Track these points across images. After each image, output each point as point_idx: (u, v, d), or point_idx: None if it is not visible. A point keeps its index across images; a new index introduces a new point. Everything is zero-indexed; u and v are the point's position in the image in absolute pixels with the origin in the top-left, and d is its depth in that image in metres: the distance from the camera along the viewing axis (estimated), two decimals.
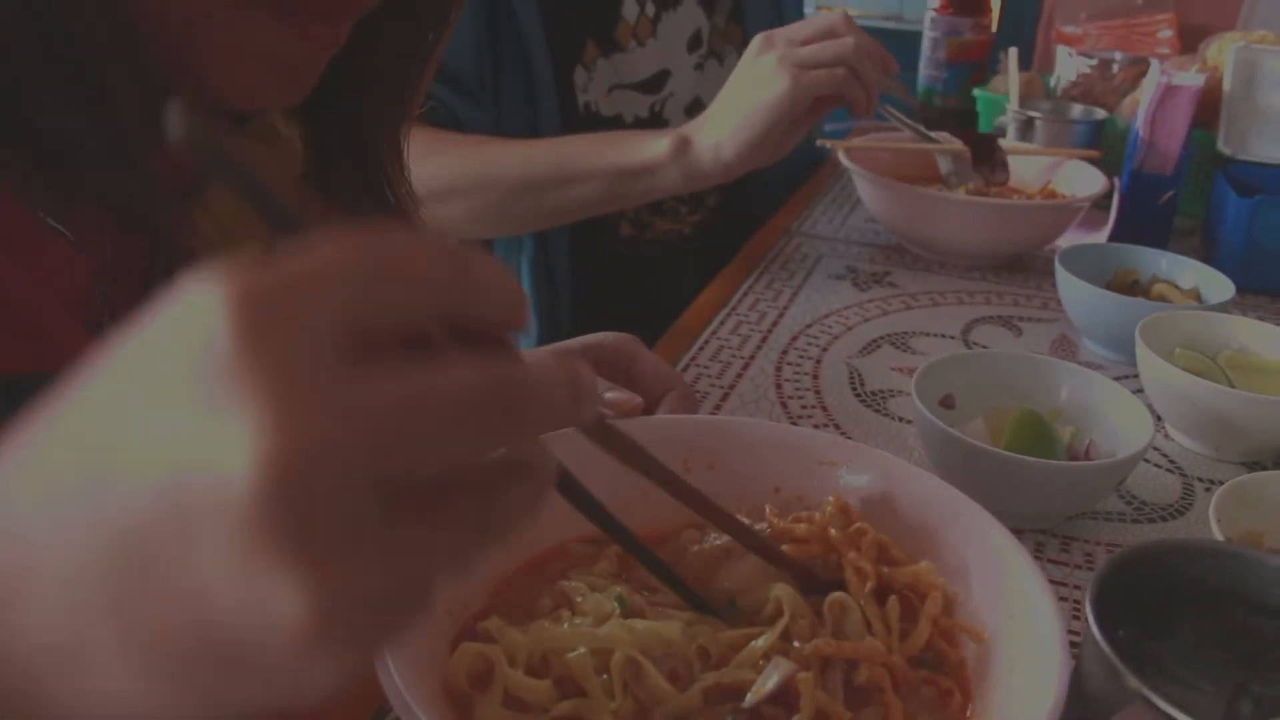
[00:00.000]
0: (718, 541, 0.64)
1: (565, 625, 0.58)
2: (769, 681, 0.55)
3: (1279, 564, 0.55)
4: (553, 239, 1.42)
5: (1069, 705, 0.49)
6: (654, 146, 1.20)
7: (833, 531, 0.63)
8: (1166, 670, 0.51)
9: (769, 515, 0.66)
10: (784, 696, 0.55)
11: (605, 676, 0.55)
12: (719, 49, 1.51)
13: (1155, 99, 1.55)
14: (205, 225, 0.67)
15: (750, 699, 0.54)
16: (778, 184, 1.63)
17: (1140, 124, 1.55)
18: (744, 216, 1.54)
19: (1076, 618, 0.73)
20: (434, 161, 1.25)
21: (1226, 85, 1.54)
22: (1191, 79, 1.54)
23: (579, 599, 0.60)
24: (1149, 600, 0.55)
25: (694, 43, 1.47)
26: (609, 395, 0.73)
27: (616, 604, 0.60)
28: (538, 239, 1.43)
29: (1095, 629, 0.50)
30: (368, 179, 0.78)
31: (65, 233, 0.62)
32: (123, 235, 0.63)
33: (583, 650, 0.56)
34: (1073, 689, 0.50)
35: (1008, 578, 0.59)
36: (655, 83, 1.45)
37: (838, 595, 0.59)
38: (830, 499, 0.65)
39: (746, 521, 0.63)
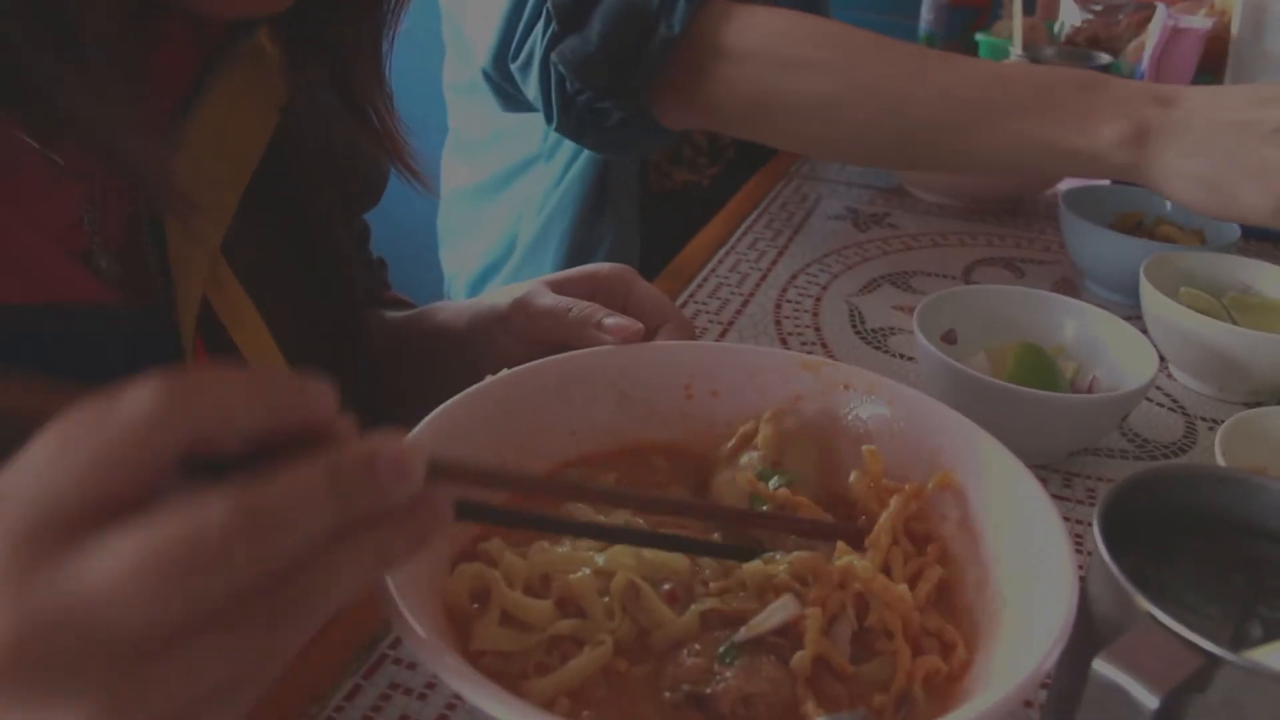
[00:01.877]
0: None
1: (567, 547, 0.58)
2: (771, 619, 0.54)
3: None
4: (585, 182, 1.37)
5: (1076, 629, 0.49)
6: (1100, 130, 0.92)
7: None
8: (1173, 595, 0.51)
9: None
10: (789, 631, 0.54)
11: (607, 600, 0.55)
12: None
13: (1161, 43, 1.53)
14: (185, 158, 0.66)
15: (744, 633, 0.53)
16: None
17: (1146, 68, 1.54)
18: (761, 164, 1.52)
19: (1079, 550, 0.73)
20: (776, 24, 1.03)
21: (1234, 29, 1.52)
22: (1199, 23, 1.53)
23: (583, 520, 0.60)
24: (1155, 527, 0.54)
25: None
26: (609, 321, 0.72)
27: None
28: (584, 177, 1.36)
29: (1104, 551, 0.49)
30: (348, 99, 0.77)
31: (56, 160, 0.61)
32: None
33: (587, 571, 0.55)
34: (1080, 613, 0.49)
35: (1015, 502, 0.58)
36: None
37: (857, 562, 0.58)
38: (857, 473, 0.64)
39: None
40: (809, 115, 1.02)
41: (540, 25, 1.04)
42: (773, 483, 0.62)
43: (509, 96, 1.16)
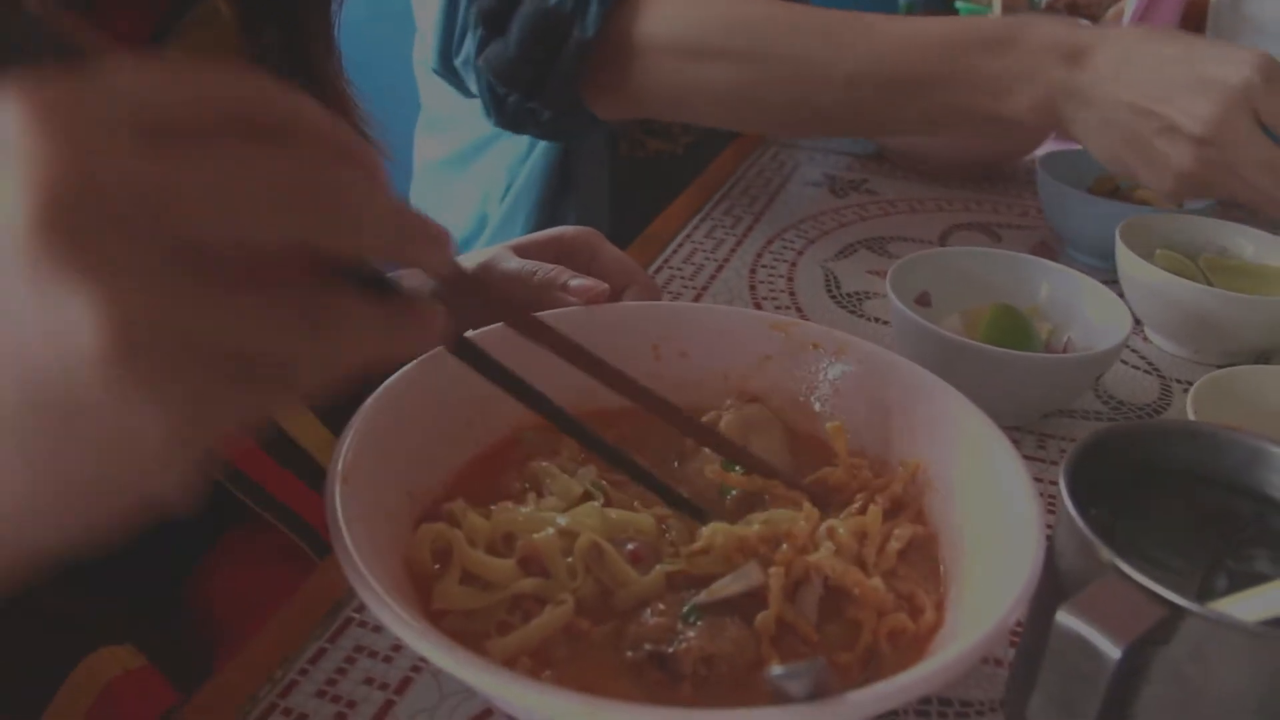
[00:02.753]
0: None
1: (530, 508, 0.57)
2: (733, 584, 0.53)
3: (1254, 444, 0.54)
4: (552, 155, 1.37)
5: (1042, 584, 0.48)
6: (1013, 99, 0.94)
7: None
8: (1140, 549, 0.50)
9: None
10: (756, 592, 0.54)
11: (570, 560, 0.54)
12: None
13: (1140, 8, 1.53)
14: None
15: (704, 596, 0.53)
16: None
17: None
18: (738, 136, 1.51)
19: (1052, 511, 0.72)
20: (693, 12, 1.04)
21: None
22: None
23: (548, 480, 0.59)
24: (1124, 482, 0.54)
25: None
26: (574, 283, 0.71)
27: (596, 490, 0.59)
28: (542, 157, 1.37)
29: (1069, 503, 0.49)
30: (296, 59, 0.76)
31: None
32: None
33: (551, 531, 0.54)
34: (1046, 567, 0.49)
35: (983, 459, 0.57)
36: None
37: (830, 522, 0.58)
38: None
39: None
40: (726, 102, 1.04)
41: (470, 29, 1.07)
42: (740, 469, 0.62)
43: (462, 88, 1.17)
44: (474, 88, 1.12)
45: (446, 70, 1.16)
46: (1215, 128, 0.86)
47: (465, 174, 1.46)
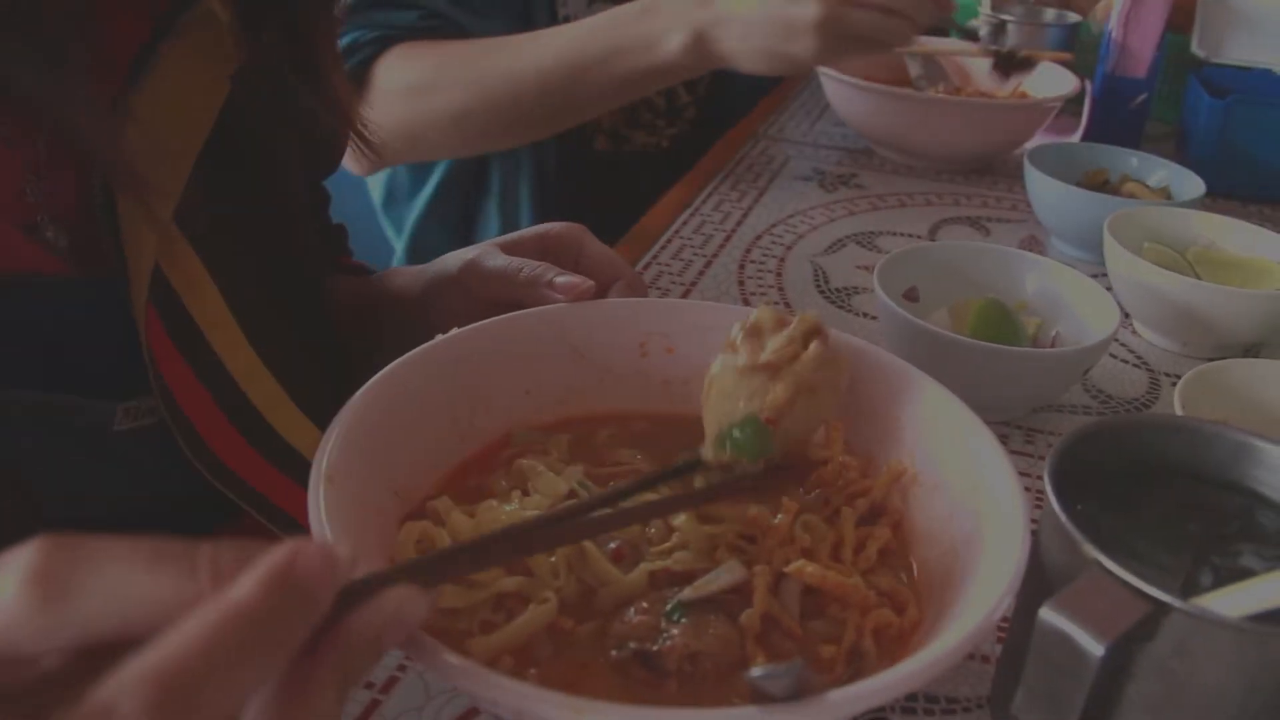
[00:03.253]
0: None
1: (515, 505, 0.57)
2: (717, 580, 0.53)
3: (1240, 438, 0.54)
4: (537, 155, 1.38)
5: (1027, 581, 0.48)
6: (666, 46, 1.12)
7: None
8: (1125, 544, 0.50)
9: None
10: (740, 588, 0.54)
11: (553, 559, 0.54)
12: None
13: (1128, 1, 1.52)
14: (134, 131, 0.65)
15: (689, 593, 0.53)
16: (757, 95, 1.60)
17: (1114, 26, 1.53)
18: (723, 129, 1.51)
19: (1039, 507, 0.72)
20: (418, 62, 1.21)
21: None
22: None
23: (534, 478, 0.59)
24: (1110, 477, 0.54)
25: None
26: (560, 280, 0.71)
27: (581, 489, 0.59)
28: (528, 157, 1.40)
29: (1053, 499, 0.49)
30: (302, 67, 0.75)
31: None
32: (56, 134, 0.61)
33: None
34: (1031, 564, 0.49)
35: (969, 455, 0.57)
36: None
37: (807, 518, 0.58)
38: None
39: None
40: (447, 128, 1.22)
41: None
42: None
43: None
44: None
45: None
46: None
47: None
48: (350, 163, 1.14)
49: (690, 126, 1.52)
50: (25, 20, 0.52)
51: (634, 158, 1.49)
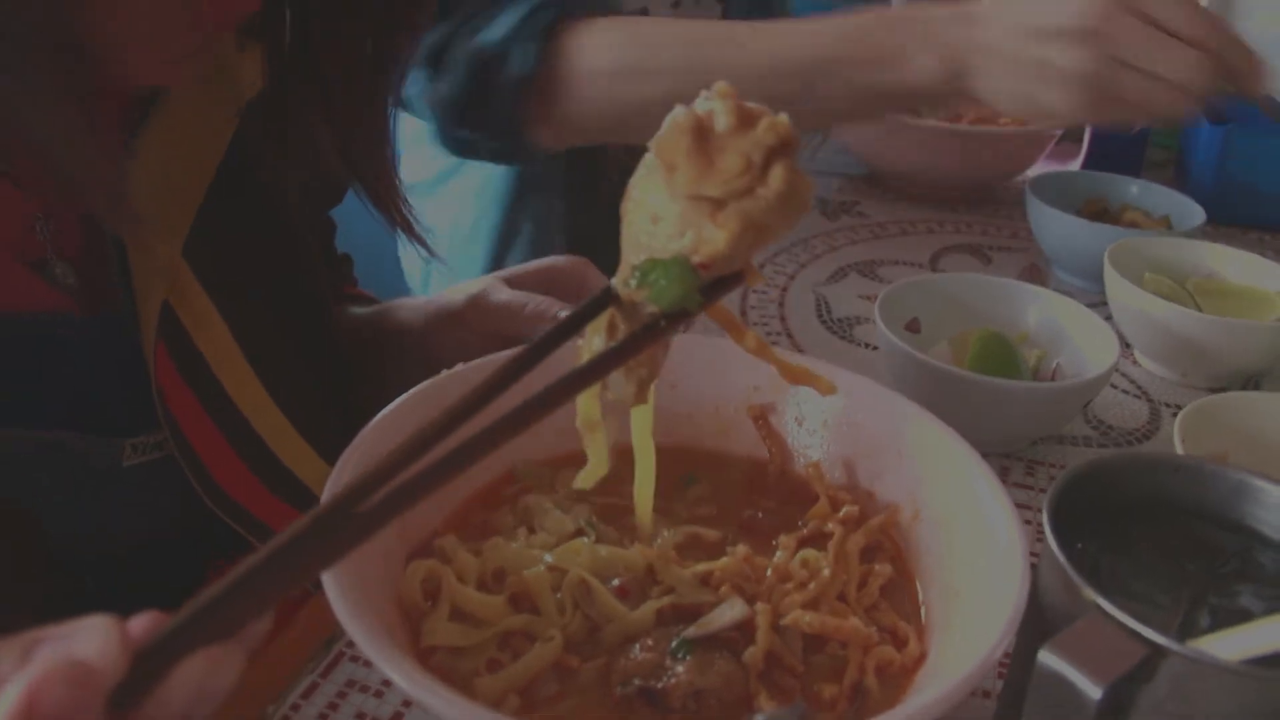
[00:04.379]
0: None
1: (520, 543, 0.58)
2: (720, 618, 0.54)
3: (1238, 477, 0.55)
4: (547, 183, 1.39)
5: (1027, 618, 0.49)
6: (915, 66, 0.99)
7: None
8: (1124, 584, 0.51)
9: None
10: (743, 625, 0.54)
11: (559, 595, 0.55)
12: None
13: None
14: (139, 173, 0.66)
15: (694, 630, 0.53)
16: None
17: None
18: None
19: (1039, 539, 0.73)
20: (622, 42, 1.09)
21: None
22: None
23: (540, 515, 0.60)
24: (1109, 515, 0.54)
25: None
26: (563, 315, 0.71)
27: (588, 527, 0.60)
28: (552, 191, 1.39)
29: (1052, 540, 0.49)
30: (350, 161, 0.75)
31: (4, 171, 0.60)
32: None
33: (541, 568, 0.55)
34: (1031, 603, 0.49)
35: (969, 493, 0.58)
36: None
37: (807, 553, 0.58)
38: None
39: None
40: (661, 115, 1.06)
41: (416, 66, 1.11)
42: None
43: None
44: (424, 119, 1.16)
45: (401, 103, 1.20)
46: (1094, 16, 0.89)
47: (433, 199, 1.49)
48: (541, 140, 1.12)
49: None
50: (23, 66, 0.52)
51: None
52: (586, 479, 0.54)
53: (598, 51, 1.08)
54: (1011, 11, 0.94)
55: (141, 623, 0.35)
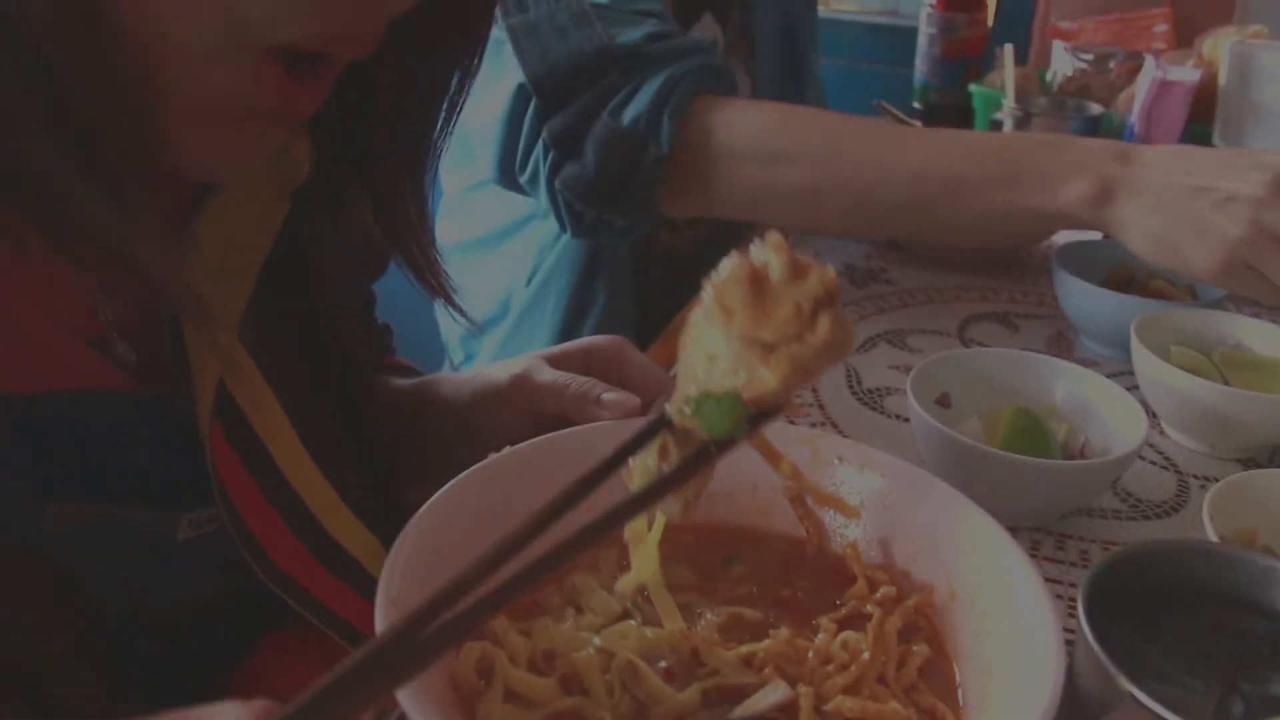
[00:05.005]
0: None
1: (569, 624, 0.59)
2: (765, 700, 0.56)
3: (1268, 564, 0.56)
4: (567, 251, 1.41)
5: (1064, 704, 0.50)
6: (1065, 191, 0.99)
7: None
8: (1158, 669, 0.52)
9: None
10: (787, 708, 0.56)
11: (608, 676, 0.56)
12: (728, 61, 1.50)
13: (1151, 94, 1.56)
14: (196, 256, 0.68)
15: (740, 712, 0.55)
16: None
17: (1136, 119, 1.56)
18: (746, 228, 1.53)
19: (1072, 614, 0.74)
20: (767, 126, 1.10)
21: (1222, 80, 1.55)
22: (1187, 74, 1.55)
23: (587, 595, 0.61)
24: (1141, 600, 0.56)
25: None
26: (606, 396, 0.73)
27: (634, 609, 0.61)
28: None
29: (1087, 629, 0.51)
30: (389, 234, 0.77)
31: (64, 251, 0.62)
32: None
33: (591, 650, 0.57)
34: (1067, 688, 0.51)
35: (1004, 576, 0.59)
36: None
37: (848, 635, 0.60)
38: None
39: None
40: (796, 203, 1.09)
41: (539, 148, 1.12)
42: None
43: (521, 193, 1.23)
44: (544, 203, 1.17)
45: (506, 181, 1.21)
46: (1260, 187, 0.91)
47: (490, 257, 1.49)
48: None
49: (706, 231, 1.54)
50: (86, 155, 0.54)
51: (664, 255, 1.52)
52: (629, 582, 0.58)
53: (736, 132, 1.09)
54: (1186, 167, 0.96)
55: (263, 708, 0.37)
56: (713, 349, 0.52)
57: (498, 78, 1.14)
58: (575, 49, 1.09)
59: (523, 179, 1.17)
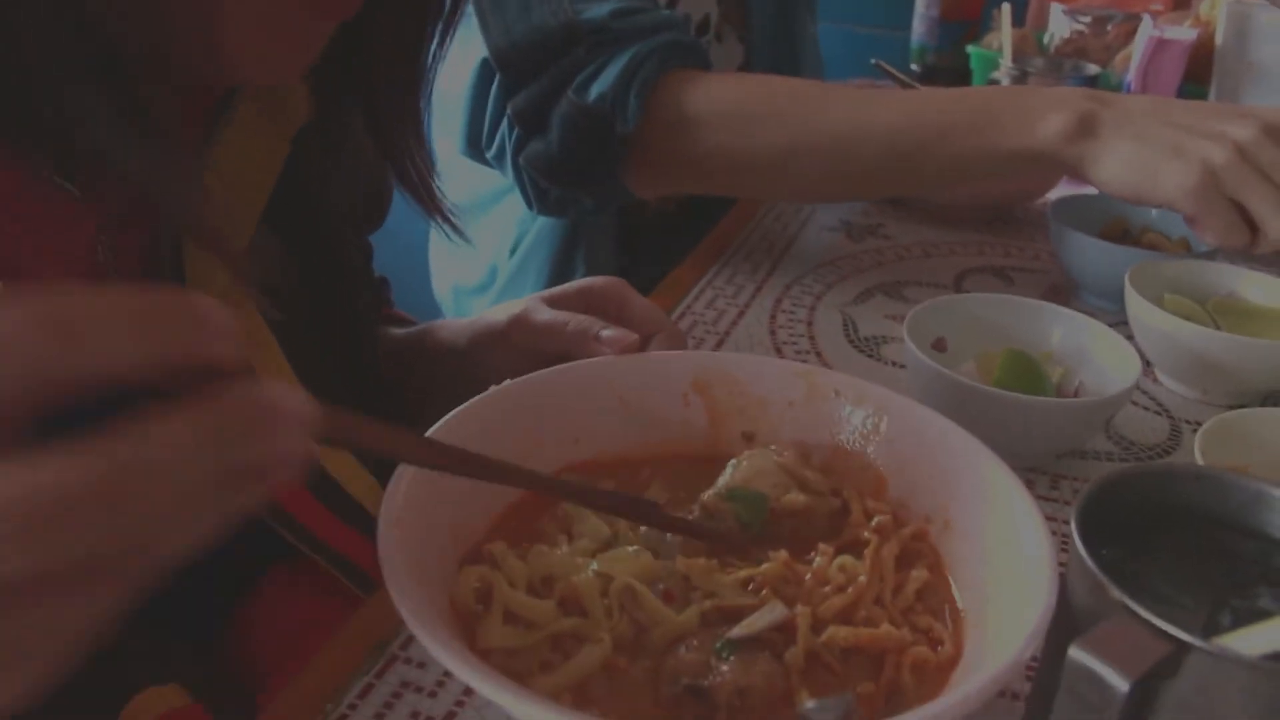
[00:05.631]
0: None
1: (564, 550, 0.60)
2: (761, 620, 0.57)
3: (1258, 487, 0.57)
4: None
5: (1055, 621, 0.51)
6: (1045, 124, 0.99)
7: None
8: (1149, 587, 0.53)
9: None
10: (783, 626, 0.57)
11: (606, 600, 0.57)
12: (720, 30, 1.50)
13: (1147, 54, 1.56)
14: (214, 182, 0.68)
15: (738, 631, 0.56)
16: None
17: (1132, 77, 1.57)
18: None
19: (1065, 550, 0.75)
20: (735, 92, 1.09)
21: (1219, 40, 1.55)
22: (1183, 34, 1.56)
23: (579, 522, 0.62)
24: (1133, 523, 0.56)
25: (702, 27, 1.47)
26: (605, 333, 0.74)
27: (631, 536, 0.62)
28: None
29: (1080, 546, 0.52)
30: (384, 148, 0.78)
31: (71, 189, 0.63)
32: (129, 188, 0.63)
33: (590, 573, 0.57)
34: (1060, 605, 0.52)
35: (1001, 504, 0.60)
36: None
37: (844, 559, 0.61)
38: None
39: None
40: (773, 169, 1.09)
41: (505, 125, 1.12)
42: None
43: (489, 167, 1.23)
44: (510, 178, 1.16)
45: (474, 154, 1.20)
46: (1258, 138, 0.91)
47: (476, 226, 1.50)
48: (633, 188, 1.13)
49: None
50: (108, 79, 0.55)
51: (653, 218, 1.52)
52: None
53: (708, 103, 1.08)
54: (1158, 106, 0.97)
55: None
56: (764, 468, 0.66)
57: (466, 47, 1.14)
58: (539, 24, 1.08)
59: (489, 154, 1.17)
